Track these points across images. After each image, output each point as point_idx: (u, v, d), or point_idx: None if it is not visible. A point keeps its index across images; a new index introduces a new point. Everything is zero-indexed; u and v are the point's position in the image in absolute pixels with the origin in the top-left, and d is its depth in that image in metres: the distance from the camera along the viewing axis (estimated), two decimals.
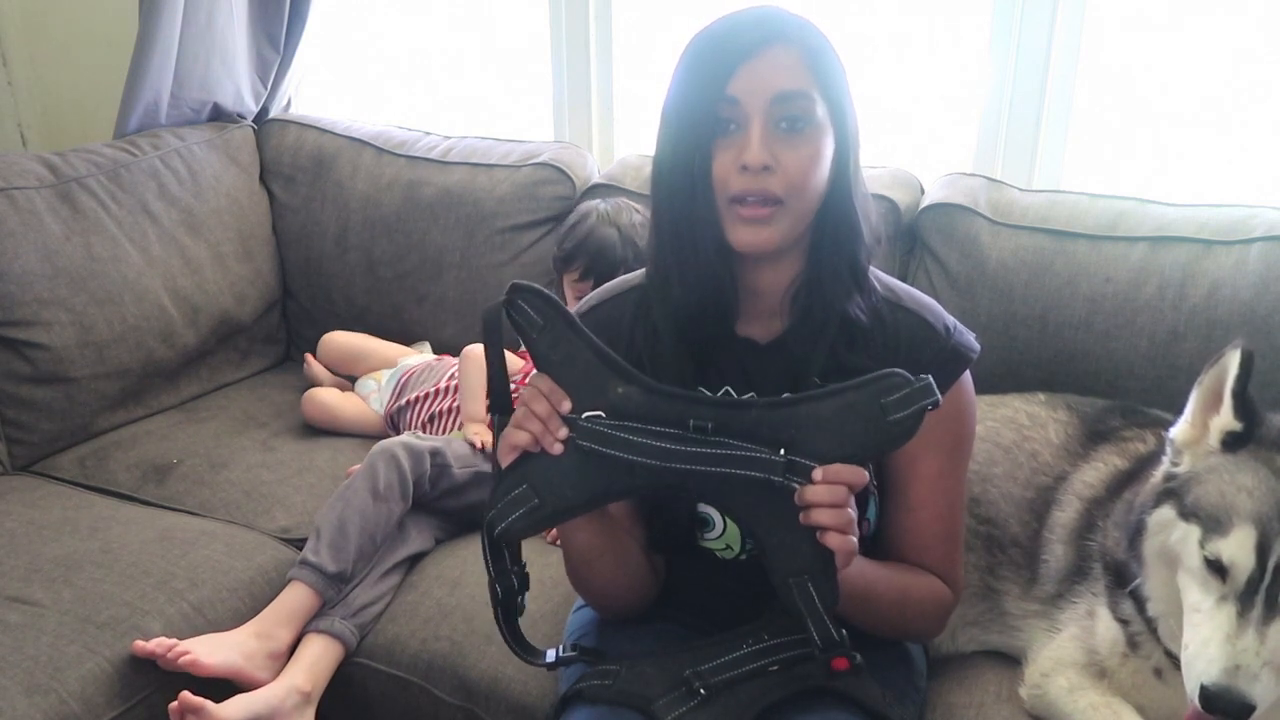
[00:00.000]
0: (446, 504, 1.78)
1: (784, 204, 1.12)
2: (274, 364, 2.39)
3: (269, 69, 2.42)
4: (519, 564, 1.17)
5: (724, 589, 1.27)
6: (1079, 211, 1.79)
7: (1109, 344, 1.71)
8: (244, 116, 2.42)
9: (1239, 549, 1.14)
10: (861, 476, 1.04)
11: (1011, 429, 1.57)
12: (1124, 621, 1.33)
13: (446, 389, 1.99)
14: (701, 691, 1.13)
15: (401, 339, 2.25)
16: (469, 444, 1.83)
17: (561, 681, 1.35)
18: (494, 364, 1.13)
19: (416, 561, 1.73)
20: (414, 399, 2.02)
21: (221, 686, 1.51)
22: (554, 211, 2.08)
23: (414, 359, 2.14)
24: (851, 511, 1.03)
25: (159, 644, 1.49)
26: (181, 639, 1.53)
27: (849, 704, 1.17)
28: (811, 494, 1.02)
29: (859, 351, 1.19)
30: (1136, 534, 1.27)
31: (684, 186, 1.13)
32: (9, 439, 1.97)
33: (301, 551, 1.67)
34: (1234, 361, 1.20)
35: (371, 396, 2.10)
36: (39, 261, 1.95)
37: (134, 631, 1.52)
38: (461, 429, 1.90)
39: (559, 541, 1.27)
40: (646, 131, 2.32)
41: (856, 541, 1.04)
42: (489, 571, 1.15)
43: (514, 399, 1.13)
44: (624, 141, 2.36)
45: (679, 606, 1.30)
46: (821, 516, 1.02)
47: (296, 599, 1.61)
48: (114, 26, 2.53)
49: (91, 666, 1.46)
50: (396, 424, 2.05)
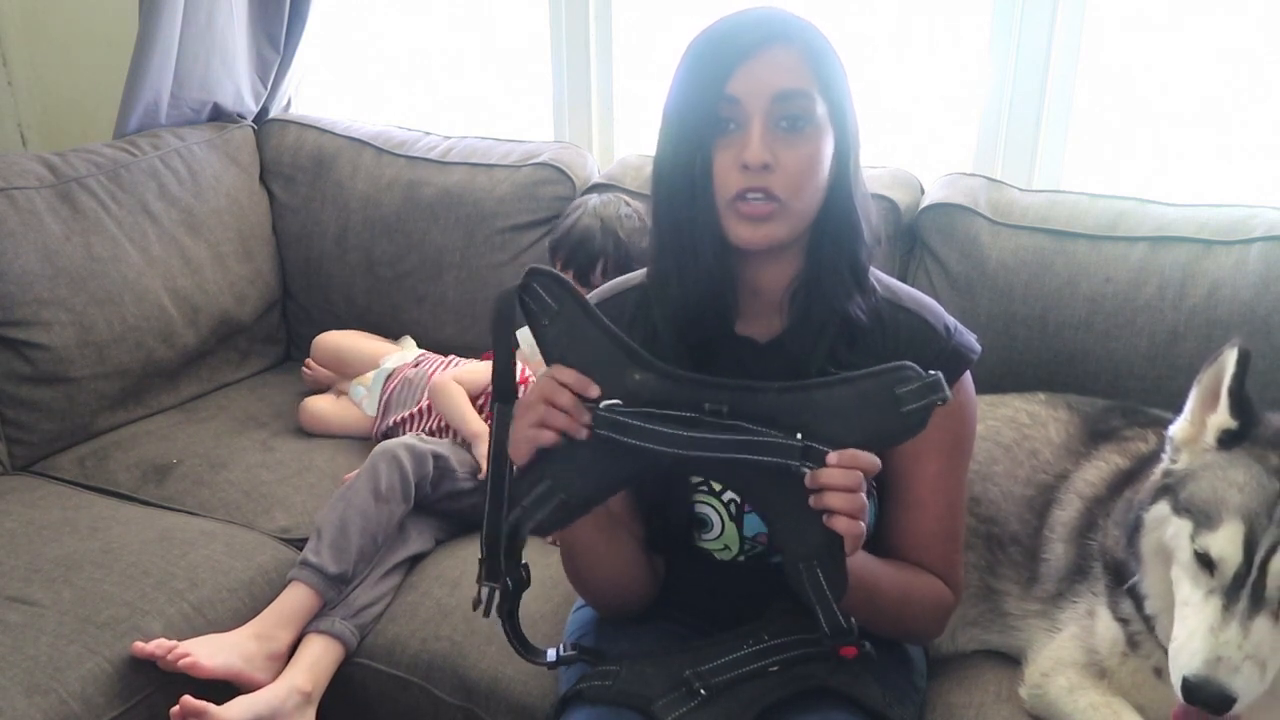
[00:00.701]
0: (447, 505, 1.78)
1: (784, 203, 1.12)
2: (274, 364, 2.39)
3: (269, 69, 2.42)
4: (520, 564, 1.16)
5: (723, 590, 1.27)
6: (1079, 211, 1.79)
7: (1109, 344, 1.71)
8: (244, 116, 2.42)
9: (1227, 543, 1.15)
10: (876, 463, 1.03)
11: (1012, 428, 1.57)
12: (1124, 621, 1.33)
13: (430, 408, 1.97)
14: (702, 692, 1.13)
15: (400, 339, 2.25)
16: (478, 464, 1.81)
17: (561, 682, 1.35)
18: (501, 349, 1.11)
19: (416, 562, 1.73)
20: (400, 420, 1.99)
21: (222, 687, 1.51)
22: (554, 211, 2.08)
23: (393, 359, 2.11)
24: (863, 497, 1.02)
25: (158, 645, 1.49)
26: (181, 639, 1.53)
27: (849, 704, 1.17)
28: (826, 476, 1.02)
29: (859, 351, 1.20)
30: (1134, 531, 1.28)
31: (684, 186, 1.14)
32: (9, 439, 1.97)
33: (302, 552, 1.67)
34: (1231, 360, 1.21)
35: (364, 402, 2.09)
36: (39, 261, 1.95)
37: (134, 632, 1.52)
38: (464, 443, 1.88)
39: (558, 541, 1.26)
40: (646, 131, 2.33)
41: (865, 527, 1.03)
42: (499, 566, 1.12)
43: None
44: (624, 141, 2.36)
45: (679, 607, 1.30)
46: (834, 500, 1.01)
47: (297, 600, 1.61)
48: (114, 26, 2.53)
49: (91, 666, 1.46)
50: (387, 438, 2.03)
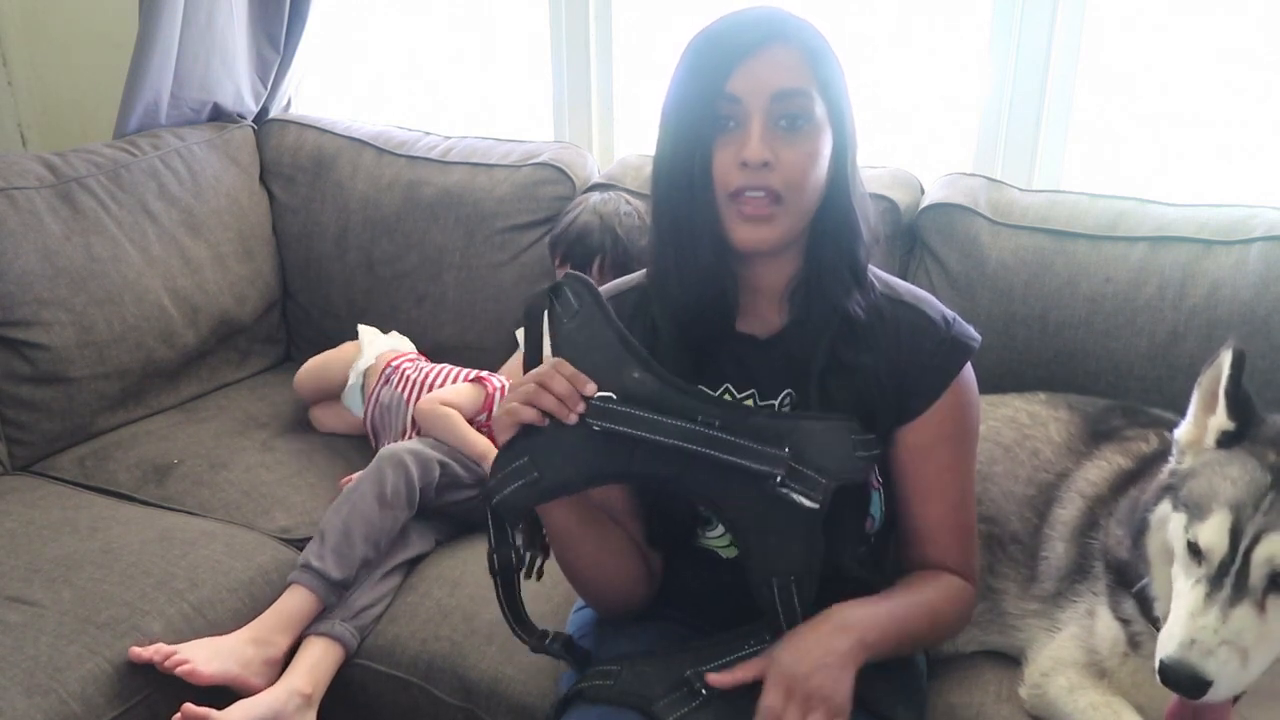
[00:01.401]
0: (448, 508, 1.77)
1: (784, 202, 1.12)
2: (274, 364, 2.39)
3: (269, 69, 2.42)
4: (510, 542, 1.18)
5: (725, 588, 1.27)
6: (1079, 211, 1.79)
7: (1109, 344, 1.71)
8: (244, 116, 2.42)
9: (1213, 532, 1.16)
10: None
11: (1012, 428, 1.57)
12: (1125, 621, 1.33)
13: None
14: (703, 692, 1.13)
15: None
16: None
17: (561, 683, 1.35)
18: (530, 351, 1.16)
19: (416, 563, 1.73)
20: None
21: (221, 690, 1.51)
22: (554, 211, 2.08)
23: (360, 365, 2.06)
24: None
25: (156, 651, 1.48)
26: (181, 640, 1.53)
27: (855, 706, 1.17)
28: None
29: (859, 348, 1.20)
30: (1140, 532, 1.29)
31: (684, 184, 1.14)
32: (9, 439, 1.97)
33: (302, 553, 1.66)
34: (1226, 362, 1.22)
35: (355, 408, 2.07)
36: (39, 261, 1.95)
37: (134, 632, 1.52)
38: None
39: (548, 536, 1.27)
40: (646, 131, 2.33)
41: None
42: (489, 541, 1.16)
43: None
44: (624, 141, 2.36)
45: (679, 606, 1.30)
46: None
47: (297, 604, 1.60)
48: (114, 26, 2.53)
49: (91, 666, 1.46)
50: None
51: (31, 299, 1.94)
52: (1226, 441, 1.23)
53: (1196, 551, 1.18)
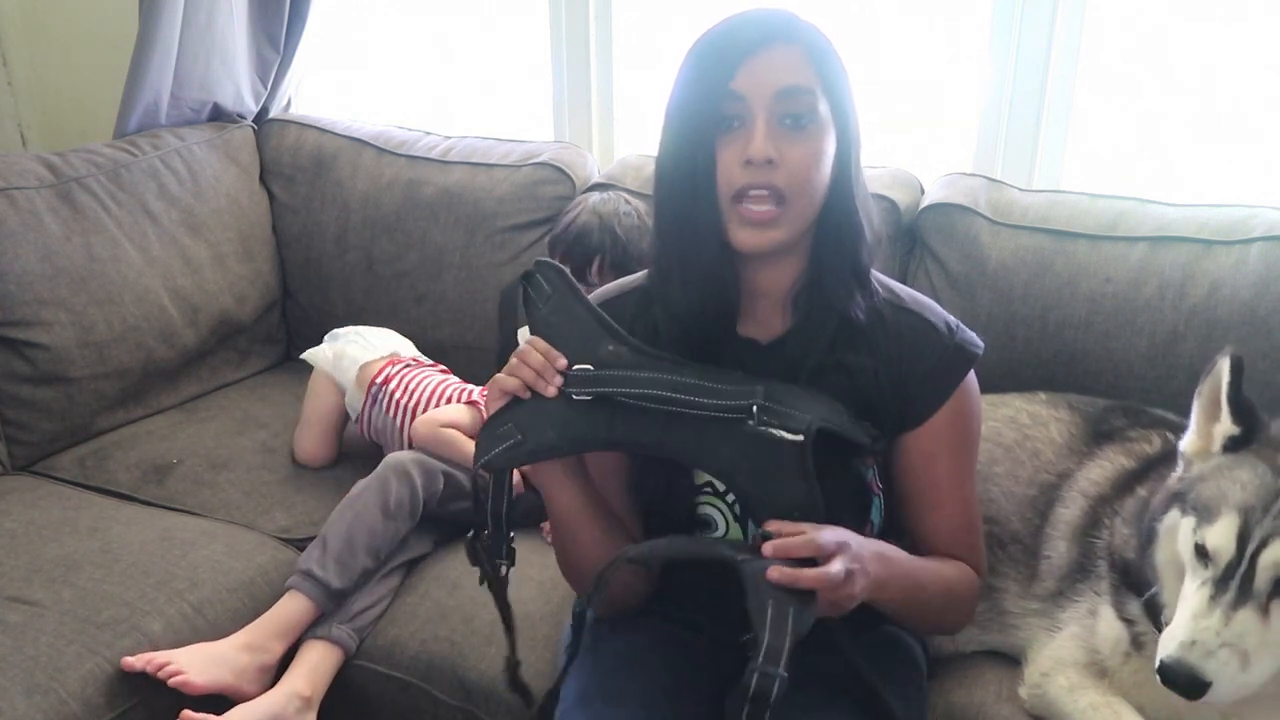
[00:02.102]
0: (451, 516, 1.76)
1: (787, 203, 1.12)
2: (274, 364, 2.39)
3: (269, 69, 2.42)
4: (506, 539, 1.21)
5: (724, 590, 1.27)
6: (1079, 211, 1.79)
7: (1109, 344, 1.71)
8: (244, 116, 2.42)
9: (1221, 535, 1.17)
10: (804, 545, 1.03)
11: (1013, 428, 1.57)
12: (1129, 621, 1.33)
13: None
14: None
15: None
16: None
17: (560, 655, 1.35)
18: (504, 338, 1.20)
19: (415, 563, 1.73)
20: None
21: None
22: (554, 211, 2.08)
23: (353, 398, 1.99)
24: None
25: (148, 661, 1.48)
26: (181, 641, 1.53)
27: (849, 703, 1.17)
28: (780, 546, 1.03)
29: (861, 352, 1.20)
30: (1149, 542, 1.29)
31: (687, 184, 1.14)
32: (9, 439, 1.97)
33: (301, 558, 1.65)
34: (1225, 369, 1.23)
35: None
36: (39, 261, 1.95)
37: (134, 632, 1.52)
38: None
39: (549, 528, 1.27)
40: (646, 131, 2.33)
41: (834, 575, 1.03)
42: (476, 502, 1.19)
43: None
44: (624, 141, 2.36)
45: (678, 605, 1.30)
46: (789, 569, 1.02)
47: (294, 610, 1.60)
48: (114, 26, 2.53)
49: (91, 666, 1.46)
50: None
51: (31, 299, 1.94)
52: (1233, 446, 1.24)
53: (1204, 554, 1.18)
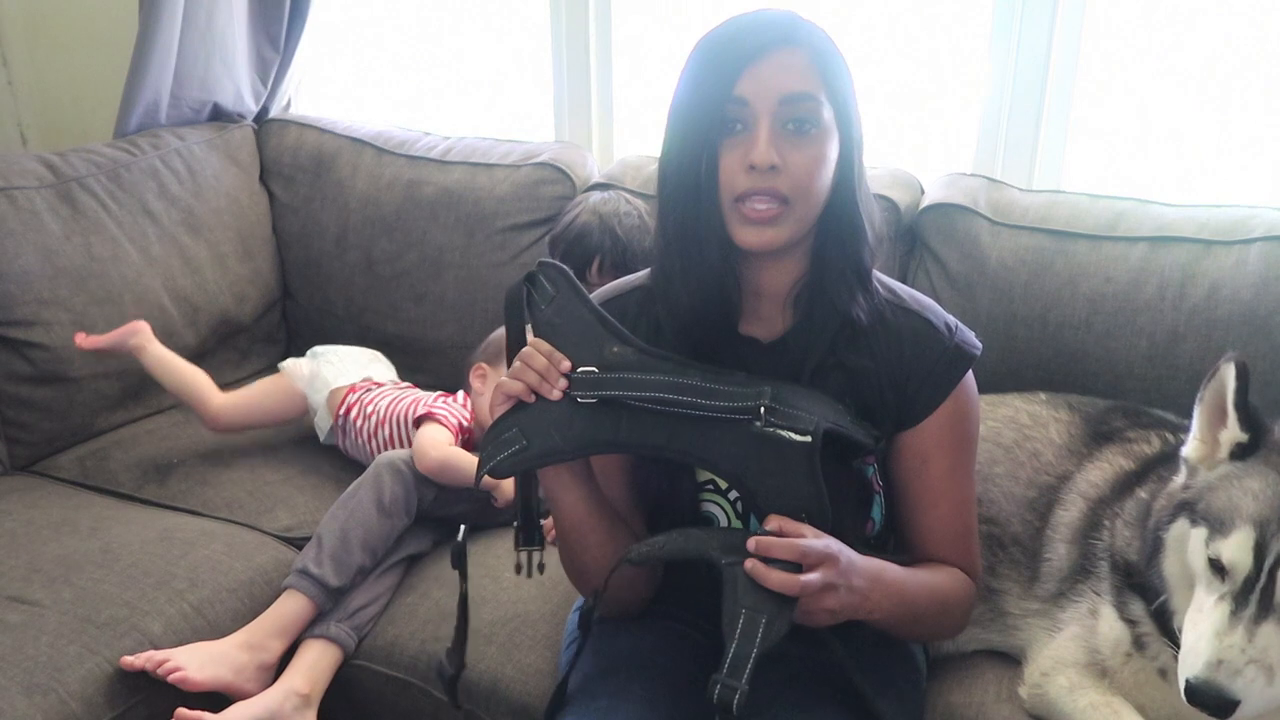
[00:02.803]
0: (447, 517, 1.76)
1: (790, 205, 1.13)
2: (274, 364, 2.38)
3: (269, 69, 2.42)
4: (539, 536, 1.22)
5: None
6: (1079, 211, 1.79)
7: (1109, 344, 1.71)
8: (244, 116, 2.42)
9: (1237, 549, 1.15)
10: (797, 547, 1.05)
11: (1013, 429, 1.57)
12: (1131, 622, 1.33)
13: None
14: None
15: (399, 338, 2.24)
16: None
17: (561, 664, 1.35)
18: (513, 338, 1.20)
19: (414, 563, 1.73)
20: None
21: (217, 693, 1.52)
22: (554, 211, 2.08)
23: (322, 419, 1.98)
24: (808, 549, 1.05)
25: (147, 659, 1.48)
26: (181, 641, 1.53)
27: (845, 702, 1.17)
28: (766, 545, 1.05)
29: (862, 352, 1.20)
30: (1155, 551, 1.28)
31: (689, 186, 1.14)
32: (9, 439, 1.97)
33: (298, 557, 1.65)
34: (1230, 375, 1.22)
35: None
36: (39, 261, 1.95)
37: (134, 632, 1.52)
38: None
39: (553, 533, 1.27)
40: (646, 131, 2.33)
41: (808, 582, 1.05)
42: (535, 529, 1.20)
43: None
44: (624, 141, 2.36)
45: (681, 606, 1.31)
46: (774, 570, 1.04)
47: (293, 609, 1.60)
48: (114, 26, 2.53)
49: (91, 666, 1.46)
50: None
51: (31, 299, 1.94)
52: (1241, 454, 1.23)
53: (1219, 568, 1.16)
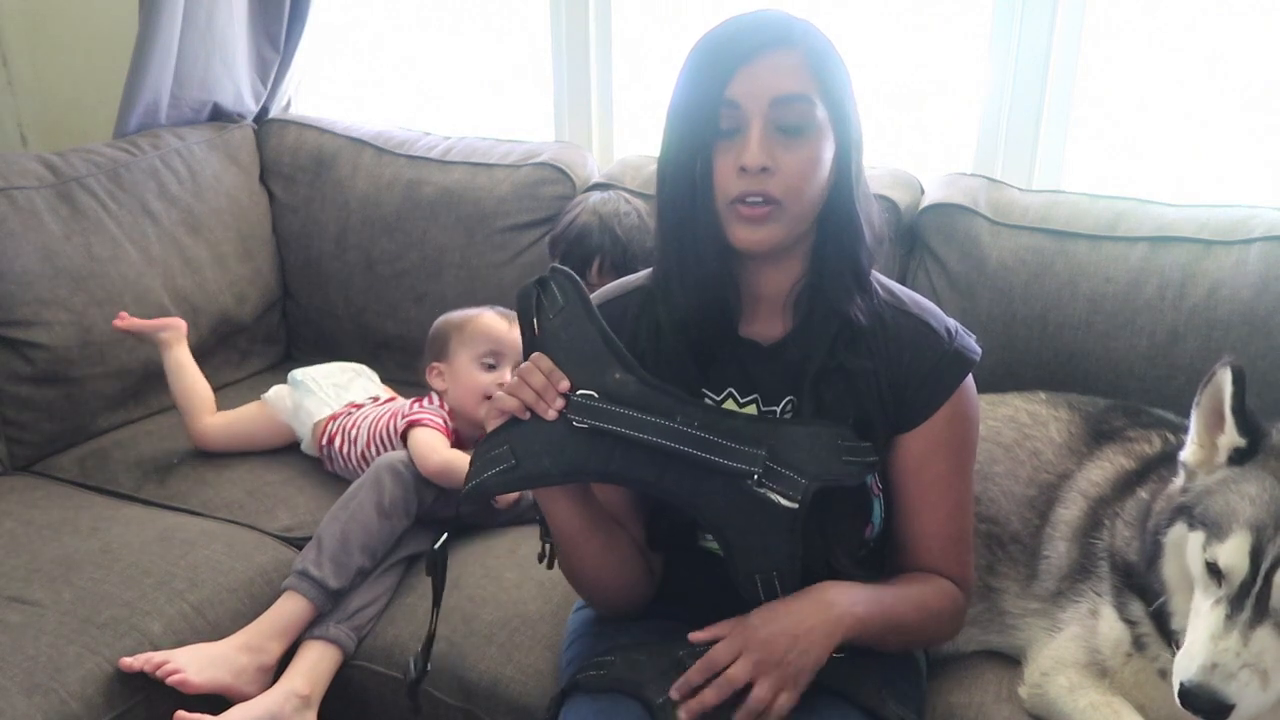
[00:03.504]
0: (446, 518, 1.76)
1: (782, 205, 1.12)
2: (274, 364, 2.39)
3: (269, 69, 2.42)
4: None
5: (725, 589, 1.27)
6: (1079, 211, 1.79)
7: (1109, 344, 1.71)
8: (244, 116, 2.42)
9: (1234, 553, 1.15)
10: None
11: (1012, 428, 1.57)
12: (1131, 622, 1.33)
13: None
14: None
15: (399, 338, 2.24)
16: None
17: (560, 678, 1.35)
18: (525, 339, 1.18)
19: (414, 563, 1.73)
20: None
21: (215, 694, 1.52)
22: (554, 211, 2.08)
23: (307, 442, 1.97)
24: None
25: (146, 661, 1.48)
26: (181, 640, 1.53)
27: (844, 700, 1.17)
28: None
29: (861, 354, 1.20)
30: (1155, 555, 1.28)
31: (686, 188, 1.14)
32: (9, 439, 1.97)
33: (297, 558, 1.65)
34: (1227, 380, 1.22)
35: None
36: (39, 261, 1.95)
37: (134, 632, 1.52)
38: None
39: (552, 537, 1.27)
40: (646, 131, 2.33)
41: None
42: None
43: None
44: (624, 141, 2.36)
45: (679, 605, 1.30)
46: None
47: (292, 611, 1.59)
48: (114, 26, 2.53)
49: (91, 666, 1.46)
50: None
51: (31, 299, 1.94)
52: (1238, 458, 1.23)
53: (1216, 571, 1.17)
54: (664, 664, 1.16)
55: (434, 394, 1.87)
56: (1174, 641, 1.29)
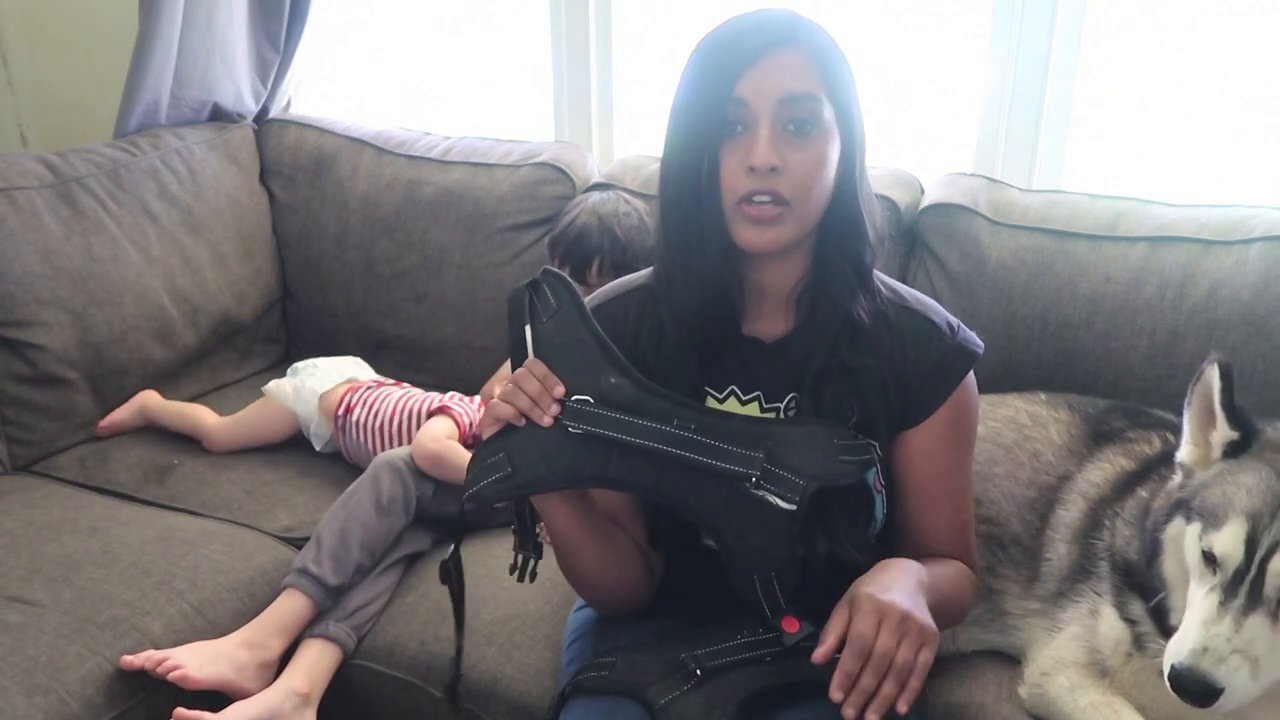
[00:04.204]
0: (446, 516, 1.76)
1: (791, 206, 1.13)
2: (274, 364, 2.39)
3: (269, 69, 2.42)
4: (533, 542, 1.20)
5: (726, 588, 1.27)
6: (1079, 211, 1.79)
7: (1109, 344, 1.71)
8: (244, 116, 2.42)
9: (1229, 541, 1.17)
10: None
11: (1012, 429, 1.57)
12: (1131, 621, 1.34)
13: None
14: (698, 673, 1.13)
15: (399, 338, 2.24)
16: None
17: (561, 679, 1.35)
18: (515, 342, 1.16)
19: (414, 563, 1.73)
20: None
21: (217, 691, 1.51)
22: (554, 211, 2.08)
23: (320, 432, 1.99)
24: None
25: (147, 658, 1.48)
26: (181, 640, 1.53)
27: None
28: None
29: (864, 352, 1.20)
30: (1154, 553, 1.29)
31: (691, 187, 1.14)
32: (9, 439, 1.97)
33: (297, 557, 1.66)
34: (1215, 376, 1.24)
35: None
36: (39, 261, 1.95)
37: (134, 632, 1.52)
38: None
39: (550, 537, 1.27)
40: (646, 131, 2.33)
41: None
42: (529, 534, 1.20)
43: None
44: (624, 141, 2.36)
45: (680, 604, 1.30)
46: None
47: (292, 608, 1.60)
48: (114, 26, 2.53)
49: (91, 666, 1.46)
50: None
51: (31, 299, 1.94)
52: (1233, 451, 1.24)
53: (1211, 560, 1.18)
54: (665, 665, 1.16)
55: (480, 398, 1.90)
56: (1163, 628, 1.29)
